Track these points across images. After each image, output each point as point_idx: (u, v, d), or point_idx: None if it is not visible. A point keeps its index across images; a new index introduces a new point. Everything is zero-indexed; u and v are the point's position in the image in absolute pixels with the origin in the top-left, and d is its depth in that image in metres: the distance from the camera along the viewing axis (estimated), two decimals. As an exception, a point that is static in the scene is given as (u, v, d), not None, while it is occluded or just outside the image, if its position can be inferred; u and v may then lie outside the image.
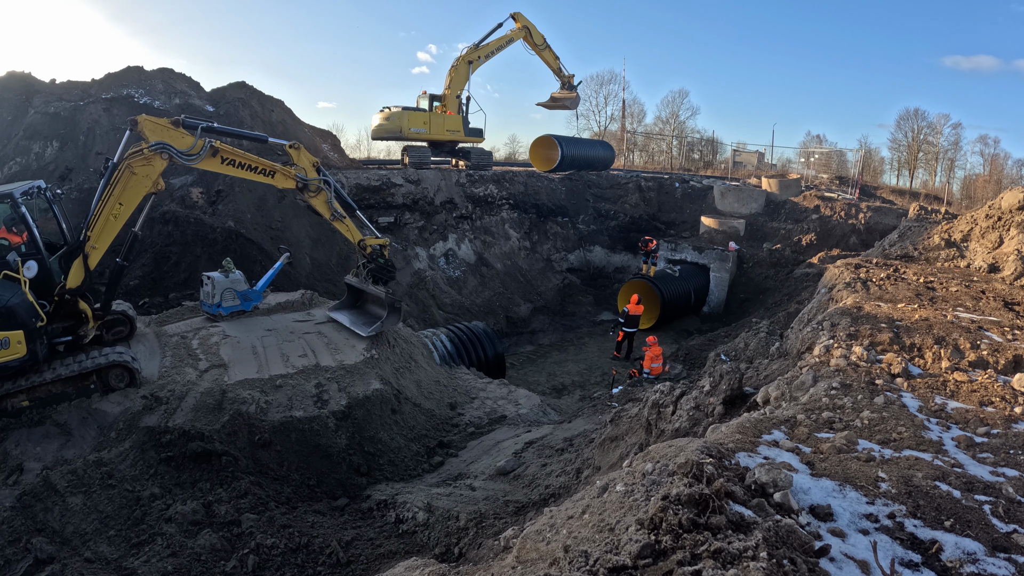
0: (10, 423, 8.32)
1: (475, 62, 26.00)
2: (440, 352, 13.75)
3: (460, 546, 6.37)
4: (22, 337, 8.11)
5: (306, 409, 9.20)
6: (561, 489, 7.23)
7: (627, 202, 28.27)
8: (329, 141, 29.69)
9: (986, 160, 57.20)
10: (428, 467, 9.56)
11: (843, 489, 3.17)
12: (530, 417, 11.46)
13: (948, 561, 2.65)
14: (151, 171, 9.14)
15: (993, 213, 11.53)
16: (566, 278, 25.33)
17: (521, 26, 26.38)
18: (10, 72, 22.05)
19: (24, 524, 7.13)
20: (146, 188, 9.21)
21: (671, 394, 6.69)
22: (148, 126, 9.15)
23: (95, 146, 19.85)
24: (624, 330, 18.53)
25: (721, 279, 23.21)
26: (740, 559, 2.32)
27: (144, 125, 9.12)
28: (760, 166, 37.99)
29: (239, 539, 7.14)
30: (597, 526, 2.82)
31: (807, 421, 4.17)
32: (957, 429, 4.22)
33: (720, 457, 3.38)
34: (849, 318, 6.81)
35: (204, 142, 9.61)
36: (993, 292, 8.67)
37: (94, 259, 9.08)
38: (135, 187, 9.11)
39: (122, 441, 8.33)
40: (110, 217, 9.03)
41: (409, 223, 22.09)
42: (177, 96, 22.98)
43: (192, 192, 18.29)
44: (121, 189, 9.01)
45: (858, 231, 23.69)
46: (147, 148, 9.04)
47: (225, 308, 12.02)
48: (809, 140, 61.39)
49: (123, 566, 6.82)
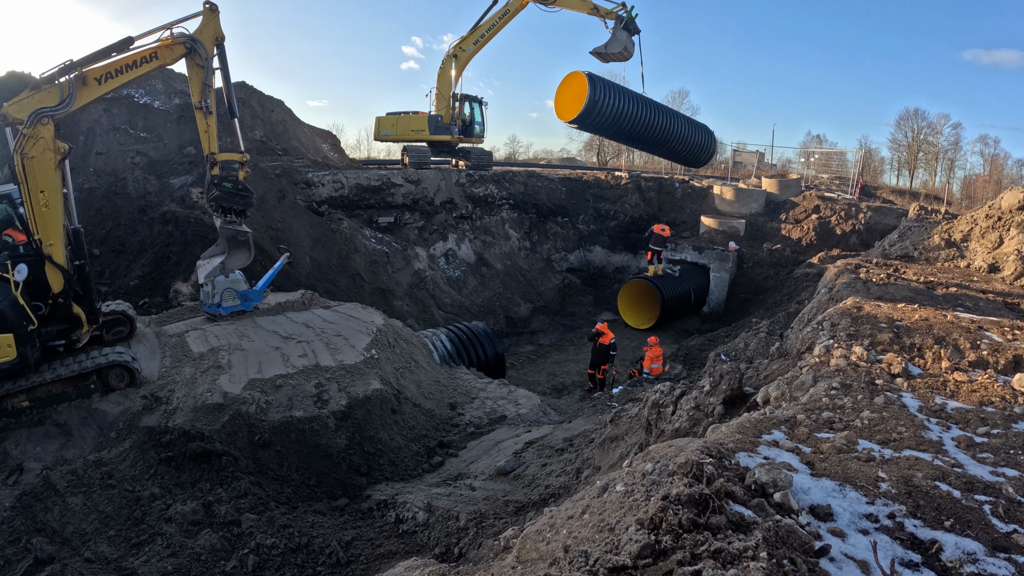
0: (10, 423, 8.32)
1: (461, 55, 24.16)
2: (440, 352, 13.75)
3: (460, 546, 6.37)
4: (12, 340, 8.04)
5: (306, 409, 9.20)
6: (561, 489, 7.23)
7: (627, 202, 28.27)
8: (329, 141, 29.72)
9: (986, 160, 57.28)
10: (428, 467, 9.56)
11: (843, 489, 3.17)
12: (530, 417, 11.46)
13: (948, 561, 2.65)
14: (44, 144, 8.51)
15: (993, 213, 11.53)
16: (566, 278, 25.34)
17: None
18: (10, 72, 22.04)
19: (24, 524, 7.13)
20: (51, 161, 8.63)
21: (671, 394, 6.69)
22: (13, 108, 8.50)
23: (95, 146, 19.85)
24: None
25: (721, 279, 23.22)
26: (740, 559, 2.32)
27: (9, 110, 8.49)
28: (760, 166, 37.94)
29: (239, 539, 7.14)
30: (597, 526, 2.82)
31: (807, 421, 4.17)
32: (957, 429, 4.22)
33: (720, 457, 3.38)
34: (849, 318, 6.81)
35: (68, 80, 8.80)
36: (993, 292, 8.67)
37: (58, 255, 8.75)
38: (41, 168, 8.56)
39: (122, 441, 8.34)
40: (42, 209, 8.58)
41: (409, 223, 22.09)
42: (177, 96, 22.96)
43: (192, 192, 18.29)
44: (33, 179, 8.49)
45: (858, 231, 23.69)
46: (24, 128, 8.41)
47: (225, 308, 12.02)
48: (809, 140, 61.44)
49: (123, 566, 6.82)
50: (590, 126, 21.98)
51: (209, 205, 10.34)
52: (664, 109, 23.60)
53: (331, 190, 20.51)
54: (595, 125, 21.53)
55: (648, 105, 22.17)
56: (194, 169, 19.69)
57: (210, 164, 10.39)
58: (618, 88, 21.24)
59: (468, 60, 24.49)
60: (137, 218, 17.17)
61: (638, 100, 21.83)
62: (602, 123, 21.10)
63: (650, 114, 21.94)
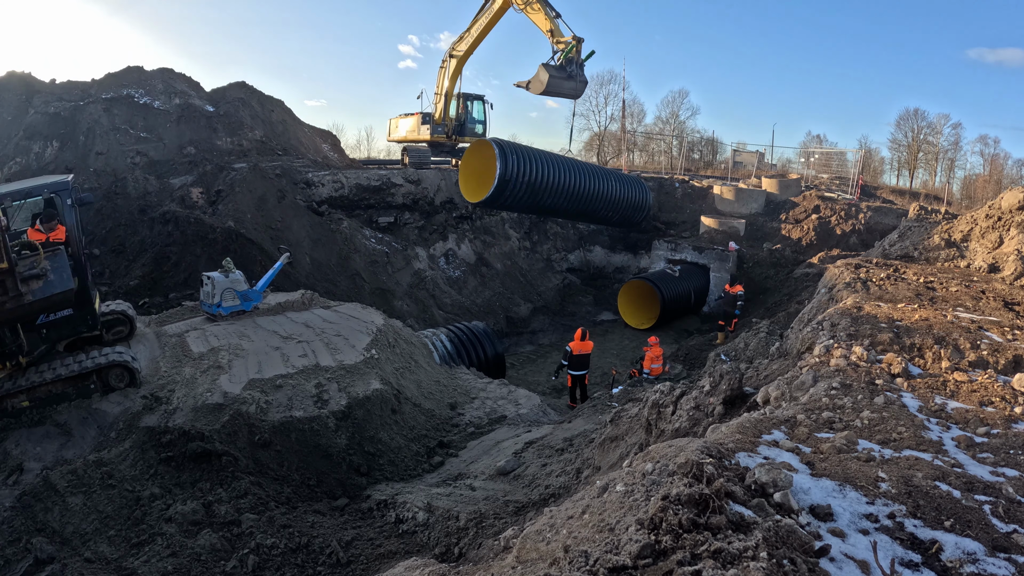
0: (10, 423, 8.32)
1: (457, 55, 23.70)
2: (440, 352, 13.75)
3: (460, 546, 6.37)
4: None
5: (306, 409, 9.20)
6: (561, 489, 7.23)
7: (627, 202, 28.26)
8: (329, 141, 29.74)
9: (986, 160, 57.20)
10: (428, 467, 9.56)
11: (843, 489, 3.17)
12: (530, 417, 11.46)
13: (948, 561, 2.65)
14: None
15: (993, 213, 11.53)
16: (566, 278, 25.34)
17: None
18: (10, 72, 22.08)
19: (24, 524, 7.13)
20: None
21: (671, 394, 6.69)
22: None
23: (95, 146, 19.87)
24: (571, 373, 14.10)
25: (721, 279, 23.20)
26: (740, 559, 2.32)
27: None
28: (760, 166, 37.91)
29: (239, 539, 7.14)
30: (597, 526, 2.83)
31: (807, 421, 4.17)
32: (957, 429, 4.22)
33: (720, 457, 3.38)
34: (849, 318, 6.81)
35: None
36: (993, 292, 8.67)
37: None
38: None
39: (122, 441, 8.34)
40: None
41: (409, 223, 22.10)
42: (177, 96, 23.00)
43: (192, 192, 18.31)
44: None
45: (858, 231, 23.69)
46: None
47: (225, 308, 12.03)
48: (809, 140, 61.31)
49: (123, 566, 6.82)
50: (504, 204, 19.12)
51: None
52: (591, 170, 20.54)
53: (331, 190, 20.52)
54: (510, 203, 18.76)
55: (572, 170, 19.35)
56: (194, 169, 19.72)
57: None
58: (535, 155, 18.46)
59: (464, 60, 24.19)
60: (137, 218, 17.18)
61: (560, 166, 18.95)
62: (517, 199, 18.37)
63: (575, 181, 19.16)
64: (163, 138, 21.24)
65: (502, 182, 16.84)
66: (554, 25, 19.32)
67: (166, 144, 21.10)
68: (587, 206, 20.01)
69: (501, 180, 16.81)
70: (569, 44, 18.92)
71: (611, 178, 20.91)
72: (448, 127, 25.81)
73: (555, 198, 18.65)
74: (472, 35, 22.67)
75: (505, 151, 17.14)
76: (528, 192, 17.63)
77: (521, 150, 17.95)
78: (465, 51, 23.45)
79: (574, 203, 19.38)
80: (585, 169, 19.98)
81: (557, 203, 18.95)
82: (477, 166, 18.42)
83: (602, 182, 20.21)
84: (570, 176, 18.98)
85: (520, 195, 17.64)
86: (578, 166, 19.75)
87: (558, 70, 19.06)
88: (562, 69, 19.08)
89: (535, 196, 18.04)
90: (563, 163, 19.06)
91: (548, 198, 18.48)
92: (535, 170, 17.75)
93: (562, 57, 19.06)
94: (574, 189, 19.00)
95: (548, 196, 18.38)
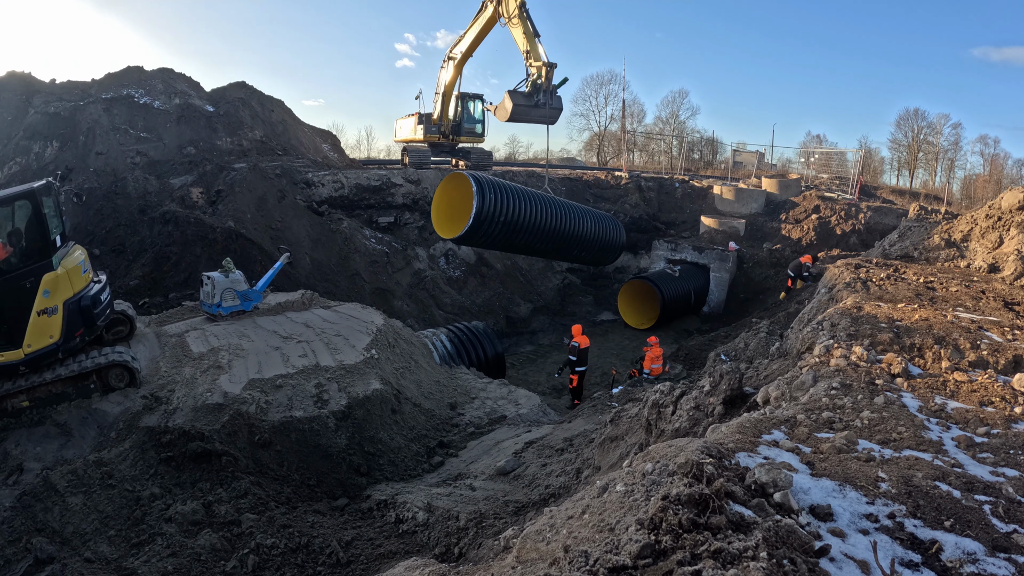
0: (10, 423, 8.32)
1: (455, 58, 23.48)
2: (440, 352, 13.75)
3: (460, 546, 6.37)
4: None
5: (306, 409, 9.20)
6: (561, 489, 7.23)
7: (627, 202, 28.27)
8: (329, 141, 29.75)
9: (986, 160, 57.25)
10: (428, 467, 9.56)
11: (843, 489, 3.17)
12: (530, 417, 11.46)
13: (948, 561, 2.65)
14: None
15: (993, 213, 11.53)
16: (566, 278, 25.33)
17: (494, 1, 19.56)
18: (10, 72, 22.09)
19: (24, 524, 7.14)
20: None
21: (671, 394, 6.69)
22: None
23: (95, 146, 19.87)
24: (577, 371, 14.48)
25: (721, 279, 23.22)
26: (740, 559, 2.32)
27: None
28: (760, 166, 37.93)
29: (239, 539, 7.14)
30: (597, 526, 2.82)
31: (807, 421, 4.17)
32: (957, 429, 4.22)
33: (720, 457, 3.38)
34: (849, 318, 6.81)
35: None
36: (993, 292, 8.67)
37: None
38: None
39: (122, 441, 8.34)
40: None
41: (409, 223, 22.10)
42: (177, 96, 23.00)
43: (192, 192, 18.30)
44: None
45: (858, 231, 23.70)
46: None
47: (225, 308, 12.03)
48: (809, 140, 61.38)
49: (123, 566, 6.82)
50: (478, 243, 17.78)
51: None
52: (569, 208, 19.22)
53: (331, 190, 20.52)
54: (484, 241, 17.36)
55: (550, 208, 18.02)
56: (194, 169, 19.71)
57: None
58: (514, 192, 17.07)
59: (463, 62, 23.86)
60: (137, 218, 17.18)
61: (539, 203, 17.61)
62: (492, 238, 16.96)
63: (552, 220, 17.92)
64: (163, 138, 21.25)
65: (477, 221, 15.65)
66: (531, 45, 18.45)
67: (166, 144, 21.11)
68: (562, 246, 19.23)
69: (476, 219, 15.59)
70: (539, 70, 18.13)
71: (588, 217, 19.91)
72: (446, 127, 25.73)
73: (531, 237, 17.74)
74: (467, 40, 22.50)
75: (483, 187, 15.83)
76: (504, 231, 16.63)
77: (499, 187, 16.66)
78: (462, 54, 23.25)
79: (549, 243, 18.55)
80: (563, 207, 18.96)
81: (532, 242, 18.08)
82: (453, 198, 17.10)
83: (578, 221, 19.26)
84: (548, 215, 17.93)
85: (495, 234, 16.62)
86: (556, 204, 18.72)
87: (525, 97, 18.30)
88: (530, 96, 18.26)
89: (511, 235, 17.04)
90: (541, 201, 18.00)
91: (523, 237, 17.52)
92: (513, 208, 16.62)
93: (529, 84, 18.34)
94: (550, 228, 18.02)
95: (524, 235, 17.41)
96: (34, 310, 8.21)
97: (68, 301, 8.57)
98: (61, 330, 8.52)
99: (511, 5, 18.78)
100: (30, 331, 8.23)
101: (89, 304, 8.89)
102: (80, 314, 8.75)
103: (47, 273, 8.30)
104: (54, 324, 8.43)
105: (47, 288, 8.28)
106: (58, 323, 8.47)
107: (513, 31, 19.01)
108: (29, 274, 8.18)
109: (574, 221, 18.90)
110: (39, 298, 8.23)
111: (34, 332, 8.27)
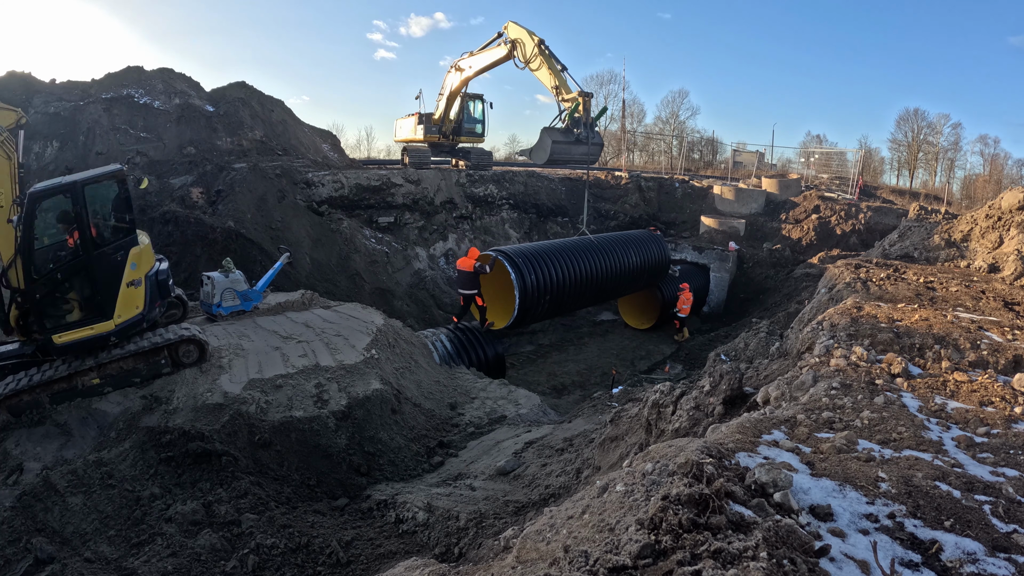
0: (10, 423, 8.32)
1: (462, 72, 22.72)
2: (440, 352, 13.75)
3: (460, 546, 6.37)
4: None
5: (306, 409, 9.20)
6: (561, 489, 7.23)
7: (627, 202, 28.28)
8: (329, 141, 29.74)
9: (986, 160, 57.27)
10: (428, 467, 9.56)
11: (843, 489, 3.17)
12: (530, 417, 11.46)
13: (948, 561, 2.65)
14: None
15: (993, 213, 11.54)
16: (566, 278, 25.32)
17: (508, 43, 18.47)
18: (10, 72, 22.06)
19: (24, 524, 7.13)
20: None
21: (671, 394, 6.69)
22: None
23: (95, 146, 19.87)
24: (461, 293, 14.43)
25: (721, 279, 23.22)
26: (740, 559, 2.32)
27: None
28: (760, 166, 37.92)
29: (239, 539, 7.14)
30: (597, 526, 2.83)
31: (807, 421, 4.17)
32: (957, 429, 4.22)
33: (720, 457, 3.38)
34: (849, 318, 6.81)
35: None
36: (993, 292, 8.67)
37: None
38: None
39: (122, 441, 8.34)
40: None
41: (409, 223, 22.09)
42: (177, 96, 22.99)
43: (192, 192, 18.30)
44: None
45: (858, 231, 23.70)
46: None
47: (225, 308, 12.03)
48: (809, 140, 61.44)
49: (123, 566, 6.82)
50: (528, 323, 16.40)
51: None
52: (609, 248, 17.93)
53: (331, 190, 20.51)
54: (532, 320, 16.13)
55: (590, 256, 16.89)
56: (194, 169, 19.71)
57: None
58: (544, 249, 15.96)
59: (469, 79, 23.03)
60: (137, 218, 17.15)
61: (578, 259, 16.48)
62: (540, 315, 16.02)
63: (595, 268, 16.91)
64: (163, 138, 21.24)
65: (522, 311, 14.88)
66: (559, 80, 16.84)
67: (166, 144, 21.10)
68: (614, 288, 18.52)
69: (521, 309, 14.80)
70: (575, 102, 16.47)
71: (629, 249, 18.81)
72: (447, 127, 25.69)
73: (580, 298, 17.11)
74: (475, 66, 21.67)
75: (522, 271, 14.74)
76: (552, 303, 15.88)
77: (535, 259, 15.42)
78: (468, 76, 22.52)
79: (599, 291, 17.80)
80: (603, 250, 17.82)
81: (583, 299, 17.52)
82: (492, 278, 15.94)
83: (621, 258, 18.25)
84: (589, 265, 17.00)
85: (542, 311, 15.89)
86: (594, 247, 17.59)
87: (563, 133, 16.53)
88: (568, 132, 16.56)
89: (559, 304, 16.40)
90: (580, 254, 16.87)
91: (572, 300, 16.81)
92: (555, 277, 15.73)
93: (567, 118, 16.55)
94: (596, 277, 17.10)
95: (572, 298, 16.67)
96: (123, 282, 8.73)
97: (148, 274, 9.18)
98: (145, 301, 9.08)
99: (528, 49, 17.42)
100: (120, 302, 8.72)
101: (165, 278, 9.72)
102: (158, 287, 9.44)
103: (134, 247, 8.89)
104: (139, 295, 8.98)
105: (134, 261, 8.83)
106: (143, 295, 9.04)
107: (536, 73, 17.55)
108: (120, 248, 8.75)
109: (617, 259, 18.09)
110: (127, 270, 8.77)
111: (123, 303, 8.77)
